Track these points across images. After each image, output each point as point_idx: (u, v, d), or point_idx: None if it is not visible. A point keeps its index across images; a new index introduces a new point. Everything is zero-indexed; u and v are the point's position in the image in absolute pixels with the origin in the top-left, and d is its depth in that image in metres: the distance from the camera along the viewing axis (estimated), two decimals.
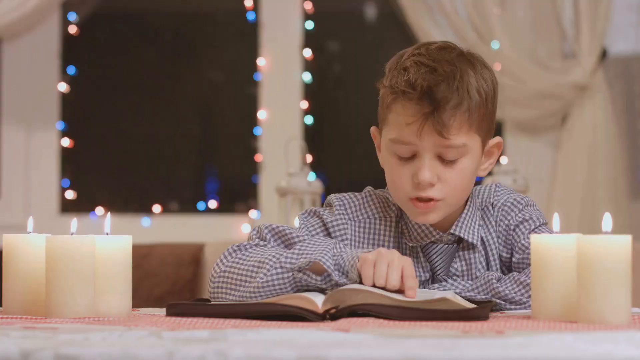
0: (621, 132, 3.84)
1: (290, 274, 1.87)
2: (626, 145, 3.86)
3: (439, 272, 2.01)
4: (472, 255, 2.02)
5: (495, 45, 3.82)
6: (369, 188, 2.08)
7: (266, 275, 1.88)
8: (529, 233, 1.99)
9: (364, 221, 2.03)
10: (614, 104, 3.85)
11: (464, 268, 2.02)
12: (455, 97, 1.89)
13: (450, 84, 1.89)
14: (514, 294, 1.91)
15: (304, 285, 1.87)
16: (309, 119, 4.00)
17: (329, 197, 2.07)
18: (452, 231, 2.00)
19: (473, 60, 1.95)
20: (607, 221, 1.67)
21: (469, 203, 2.02)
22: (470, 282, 1.99)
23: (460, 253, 2.02)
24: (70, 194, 4.02)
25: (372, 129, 2.04)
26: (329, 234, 2.01)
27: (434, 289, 1.96)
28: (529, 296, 1.87)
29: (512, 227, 2.02)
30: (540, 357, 1.29)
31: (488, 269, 2.02)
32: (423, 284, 2.02)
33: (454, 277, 2.01)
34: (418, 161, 1.92)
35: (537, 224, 2.02)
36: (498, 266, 2.03)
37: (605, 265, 1.61)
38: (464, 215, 2.00)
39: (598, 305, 1.61)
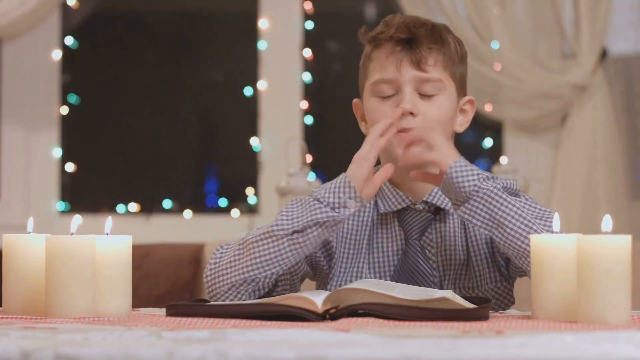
0: (621, 132, 3.84)
1: (284, 239, 1.90)
2: (626, 145, 3.86)
3: (412, 236, 2.05)
4: (446, 227, 2.06)
5: (495, 45, 3.82)
6: None
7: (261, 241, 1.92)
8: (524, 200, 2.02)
9: None
10: (614, 104, 3.85)
11: (439, 240, 2.06)
12: (431, 37, 2.04)
13: (426, 29, 2.05)
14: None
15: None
16: (309, 119, 4.00)
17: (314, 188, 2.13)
18: (425, 199, 2.06)
19: (446, 27, 2.10)
20: (607, 222, 1.68)
21: None
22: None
23: (436, 225, 2.06)
24: (70, 194, 4.02)
25: (355, 101, 2.15)
26: None
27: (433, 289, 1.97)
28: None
29: None
30: (540, 357, 1.29)
31: (467, 247, 2.06)
32: (397, 253, 2.05)
33: (428, 249, 2.03)
34: (399, 95, 2.03)
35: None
36: (480, 244, 2.04)
37: (605, 265, 1.61)
38: None
39: (598, 305, 1.61)
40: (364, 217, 2.09)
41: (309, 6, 4.02)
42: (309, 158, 3.50)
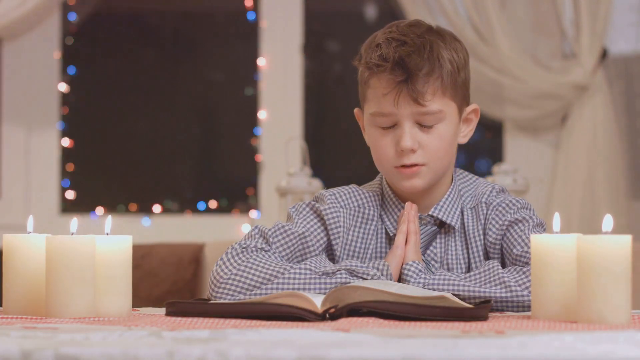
0: (621, 132, 3.84)
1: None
2: (626, 145, 3.86)
3: None
4: (449, 240, 2.06)
5: (495, 45, 3.81)
6: (353, 185, 2.14)
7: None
8: (527, 230, 2.01)
9: (355, 209, 2.09)
10: (614, 104, 3.85)
11: (442, 253, 2.06)
12: (427, 66, 1.99)
13: (421, 54, 1.99)
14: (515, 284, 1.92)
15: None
16: (309, 119, 4.00)
17: (318, 193, 2.14)
18: (430, 213, 2.05)
19: (442, 34, 2.05)
20: (608, 222, 1.68)
21: (451, 188, 2.08)
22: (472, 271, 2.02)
23: (441, 238, 2.06)
24: (70, 194, 4.02)
25: (356, 110, 2.13)
26: (323, 222, 2.05)
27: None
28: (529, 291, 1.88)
29: (506, 224, 2.03)
30: (540, 357, 1.29)
31: (469, 260, 2.04)
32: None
33: (432, 263, 2.03)
34: (399, 129, 2.01)
35: (533, 223, 2.03)
36: (482, 258, 2.04)
37: (605, 265, 1.61)
38: (444, 199, 2.06)
39: (598, 305, 1.61)
40: (369, 227, 2.08)
41: (309, 6, 4.02)
42: (309, 158, 3.50)
